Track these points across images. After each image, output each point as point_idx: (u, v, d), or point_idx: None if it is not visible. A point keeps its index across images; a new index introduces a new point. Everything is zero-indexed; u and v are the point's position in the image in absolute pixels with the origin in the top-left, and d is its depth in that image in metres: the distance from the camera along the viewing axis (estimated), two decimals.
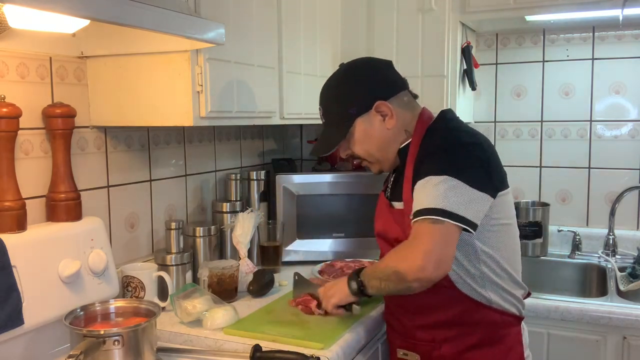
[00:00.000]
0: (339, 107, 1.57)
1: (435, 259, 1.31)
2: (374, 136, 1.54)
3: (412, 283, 1.33)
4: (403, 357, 1.59)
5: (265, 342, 1.45)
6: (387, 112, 1.52)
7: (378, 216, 1.65)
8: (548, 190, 2.68)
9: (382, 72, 1.58)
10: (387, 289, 1.41)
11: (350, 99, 1.55)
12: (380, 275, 1.41)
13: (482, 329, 1.49)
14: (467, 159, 1.40)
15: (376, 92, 1.53)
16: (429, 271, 1.30)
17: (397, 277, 1.35)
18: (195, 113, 1.57)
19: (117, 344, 1.27)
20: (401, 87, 1.58)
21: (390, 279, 1.37)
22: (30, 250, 1.39)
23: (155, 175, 1.96)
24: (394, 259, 1.38)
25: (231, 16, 1.69)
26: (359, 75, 1.57)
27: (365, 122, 1.54)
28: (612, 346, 1.95)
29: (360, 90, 1.54)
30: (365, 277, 1.46)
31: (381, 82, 1.56)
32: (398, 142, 1.55)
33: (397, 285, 1.37)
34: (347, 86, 1.57)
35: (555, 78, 2.64)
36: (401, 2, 2.33)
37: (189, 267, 1.84)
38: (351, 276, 1.49)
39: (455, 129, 1.50)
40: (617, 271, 2.29)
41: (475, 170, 1.39)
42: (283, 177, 2.24)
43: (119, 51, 1.60)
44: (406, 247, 1.37)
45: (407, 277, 1.33)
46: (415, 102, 1.61)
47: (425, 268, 1.30)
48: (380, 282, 1.41)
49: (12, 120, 1.38)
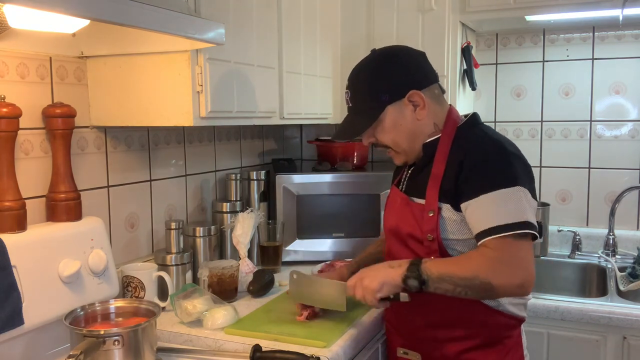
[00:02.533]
0: (370, 92, 1.52)
1: (532, 275, 1.33)
2: (404, 126, 1.51)
3: (500, 296, 1.36)
4: (403, 355, 1.59)
5: (265, 342, 1.45)
6: (420, 103, 1.49)
7: (390, 211, 1.61)
8: (548, 190, 2.68)
9: (417, 61, 1.55)
10: (463, 294, 1.35)
11: (383, 86, 1.50)
12: (458, 282, 1.34)
13: (487, 331, 1.48)
14: (525, 168, 1.42)
15: (410, 81, 1.50)
16: (527, 289, 1.34)
17: (485, 289, 1.33)
18: (195, 113, 1.57)
19: (117, 344, 1.27)
20: (434, 79, 1.55)
21: (474, 289, 1.34)
22: (30, 250, 1.39)
23: (155, 175, 1.96)
24: (486, 270, 1.33)
25: (231, 16, 1.69)
26: (394, 62, 1.53)
27: (396, 111, 1.50)
28: (612, 346, 1.95)
29: (395, 77, 1.50)
30: (432, 277, 1.35)
31: (416, 71, 1.52)
32: (426, 135, 1.52)
33: (478, 294, 1.36)
34: (381, 72, 1.51)
35: (555, 78, 2.64)
36: (401, 2, 2.33)
37: (189, 267, 1.84)
38: (411, 271, 1.37)
39: (497, 137, 1.49)
40: (617, 271, 2.29)
41: (530, 178, 1.42)
42: (283, 177, 2.24)
43: (119, 51, 1.60)
44: (501, 262, 1.33)
45: (498, 291, 1.34)
46: (443, 97, 1.58)
47: (523, 286, 1.33)
48: (455, 287, 1.34)
49: (12, 120, 1.38)
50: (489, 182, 1.37)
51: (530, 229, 1.34)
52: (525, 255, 1.34)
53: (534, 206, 1.39)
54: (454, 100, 2.35)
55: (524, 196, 1.36)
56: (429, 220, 1.44)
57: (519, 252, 1.33)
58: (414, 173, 1.57)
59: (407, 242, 1.51)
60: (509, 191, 1.35)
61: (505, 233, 1.33)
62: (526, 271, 1.33)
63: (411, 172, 1.59)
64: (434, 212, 1.43)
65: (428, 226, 1.44)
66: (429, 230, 1.44)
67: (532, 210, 1.37)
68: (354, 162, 2.50)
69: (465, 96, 2.55)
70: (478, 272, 1.33)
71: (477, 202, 1.37)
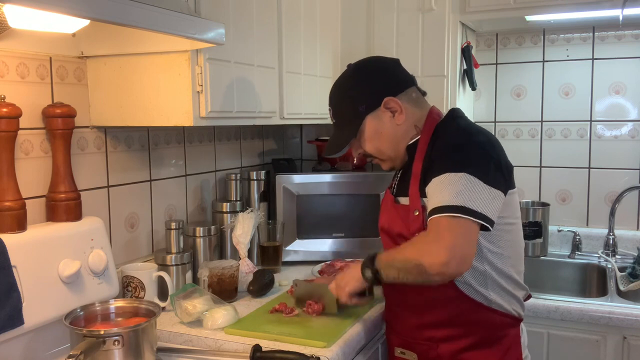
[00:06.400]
0: (348, 105, 1.58)
1: (459, 255, 1.32)
2: (385, 133, 1.55)
3: (433, 277, 1.34)
4: (400, 355, 1.60)
5: (265, 342, 1.45)
6: (396, 108, 1.53)
7: (383, 212, 1.65)
8: (548, 190, 2.68)
9: (390, 69, 1.60)
10: (405, 279, 1.40)
11: (359, 97, 1.55)
12: (399, 266, 1.40)
13: (481, 330, 1.49)
14: (482, 157, 1.41)
15: (384, 89, 1.54)
16: (453, 267, 1.31)
17: (419, 271, 1.34)
18: (196, 113, 1.57)
19: (117, 344, 1.27)
20: (409, 83, 1.59)
21: (410, 272, 1.37)
22: (30, 250, 1.39)
23: (155, 175, 1.96)
24: (414, 251, 1.37)
25: (231, 16, 1.69)
26: (367, 73, 1.58)
27: (375, 119, 1.55)
28: (612, 346, 1.95)
29: (369, 87, 1.55)
30: (381, 265, 1.44)
31: (389, 78, 1.57)
32: (408, 138, 1.56)
33: (416, 278, 1.37)
34: (356, 84, 1.58)
35: (555, 78, 2.64)
36: (401, 2, 2.33)
37: (189, 267, 1.84)
38: (365, 263, 1.48)
39: (466, 127, 1.51)
40: (617, 271, 2.29)
41: (490, 168, 1.40)
42: (283, 177, 2.24)
43: (119, 51, 1.60)
44: (428, 241, 1.36)
45: (429, 271, 1.33)
46: (423, 99, 1.62)
47: (449, 264, 1.31)
48: (398, 272, 1.40)
49: (12, 120, 1.38)
50: (439, 168, 1.40)
51: (465, 214, 1.32)
52: (453, 235, 1.32)
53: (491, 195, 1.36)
54: (454, 100, 2.35)
55: (467, 182, 1.34)
56: (415, 220, 1.47)
57: (445, 232, 1.32)
58: (402, 175, 1.61)
59: (398, 241, 1.54)
60: (453, 176, 1.36)
61: (437, 214, 1.34)
62: (452, 251, 1.31)
63: (400, 174, 1.63)
64: (419, 211, 1.46)
65: (415, 226, 1.47)
66: (416, 230, 1.46)
67: (483, 199, 1.34)
68: (354, 162, 2.50)
69: (465, 96, 2.55)
70: (408, 254, 1.38)
71: (429, 187, 1.41)
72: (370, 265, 1.46)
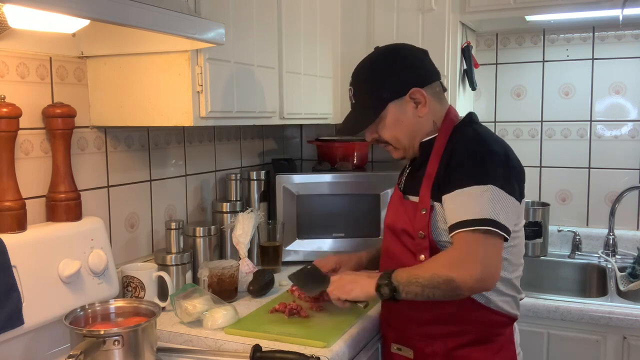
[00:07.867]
0: (372, 89, 1.54)
1: (492, 271, 1.33)
2: (405, 122, 1.53)
3: (464, 292, 1.35)
4: (397, 351, 1.60)
5: (265, 342, 1.45)
6: (421, 100, 1.51)
7: (389, 208, 1.65)
8: (548, 190, 2.68)
9: (419, 59, 1.57)
10: (431, 295, 1.37)
11: (385, 83, 1.53)
12: (424, 283, 1.36)
13: (477, 328, 1.49)
14: (506, 168, 1.41)
15: (412, 79, 1.52)
16: (487, 283, 1.34)
17: (449, 286, 1.34)
18: (196, 113, 1.57)
19: (117, 344, 1.27)
20: (435, 77, 1.57)
21: (439, 287, 1.35)
22: (30, 250, 1.39)
23: (155, 175, 1.96)
24: (443, 267, 1.35)
25: (231, 16, 1.69)
26: (396, 59, 1.55)
27: (397, 108, 1.52)
28: (612, 346, 1.95)
29: (396, 75, 1.53)
30: (401, 282, 1.40)
31: (417, 69, 1.54)
32: (424, 133, 1.55)
33: (444, 294, 1.36)
34: (383, 69, 1.54)
35: (555, 78, 2.64)
36: (401, 2, 2.33)
37: (189, 267, 1.84)
38: (382, 279, 1.43)
39: (484, 135, 1.50)
40: (617, 271, 2.29)
41: (511, 179, 1.41)
42: (283, 177, 2.24)
43: (119, 51, 1.60)
44: (460, 256, 1.35)
45: (461, 286, 1.33)
46: (444, 95, 1.60)
47: (483, 280, 1.32)
48: (423, 289, 1.37)
49: (12, 120, 1.38)
50: (464, 179, 1.39)
51: (494, 227, 1.33)
52: (485, 250, 1.34)
53: (512, 206, 1.39)
54: (454, 100, 2.35)
55: (494, 195, 1.36)
56: (421, 218, 1.46)
57: (478, 247, 1.34)
58: (412, 172, 1.60)
59: (401, 237, 1.54)
60: (479, 189, 1.36)
61: (466, 228, 1.34)
62: (485, 266, 1.33)
63: (409, 170, 1.62)
64: (427, 210, 1.46)
65: (420, 223, 1.46)
66: (421, 228, 1.46)
67: (506, 210, 1.36)
68: (354, 162, 2.50)
69: (465, 96, 2.55)
70: (435, 270, 1.36)
71: (450, 197, 1.40)
72: (387, 281, 1.41)
